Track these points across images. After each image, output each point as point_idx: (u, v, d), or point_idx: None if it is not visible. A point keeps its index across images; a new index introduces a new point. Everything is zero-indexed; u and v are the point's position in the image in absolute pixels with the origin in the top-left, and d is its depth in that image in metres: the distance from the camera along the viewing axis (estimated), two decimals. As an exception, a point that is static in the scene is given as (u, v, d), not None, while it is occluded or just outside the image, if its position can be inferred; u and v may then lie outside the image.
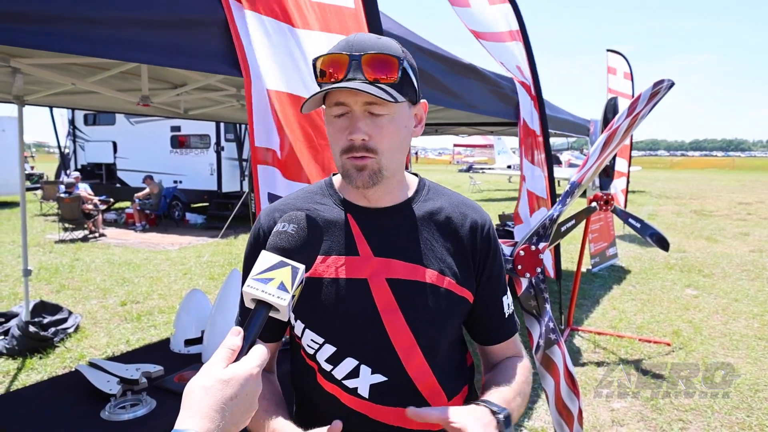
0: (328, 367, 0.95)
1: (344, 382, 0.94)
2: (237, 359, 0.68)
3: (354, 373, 0.93)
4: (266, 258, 0.74)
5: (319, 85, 0.89)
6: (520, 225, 3.89)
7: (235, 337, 0.69)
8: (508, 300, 1.06)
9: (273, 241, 0.77)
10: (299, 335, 0.97)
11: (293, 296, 0.72)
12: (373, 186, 0.90)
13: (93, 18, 1.33)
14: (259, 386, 0.68)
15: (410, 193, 1.00)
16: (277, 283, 0.71)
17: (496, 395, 0.92)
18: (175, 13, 1.51)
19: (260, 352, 0.69)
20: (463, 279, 0.97)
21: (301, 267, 0.74)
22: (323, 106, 0.92)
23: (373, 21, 1.98)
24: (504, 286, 1.06)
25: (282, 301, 0.70)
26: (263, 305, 0.71)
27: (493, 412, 0.86)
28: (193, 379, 0.65)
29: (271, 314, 0.73)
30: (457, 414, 0.83)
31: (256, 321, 0.71)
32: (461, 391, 1.03)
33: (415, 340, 0.93)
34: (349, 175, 0.90)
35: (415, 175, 1.05)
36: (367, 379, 0.93)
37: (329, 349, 0.94)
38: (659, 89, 2.10)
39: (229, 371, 0.65)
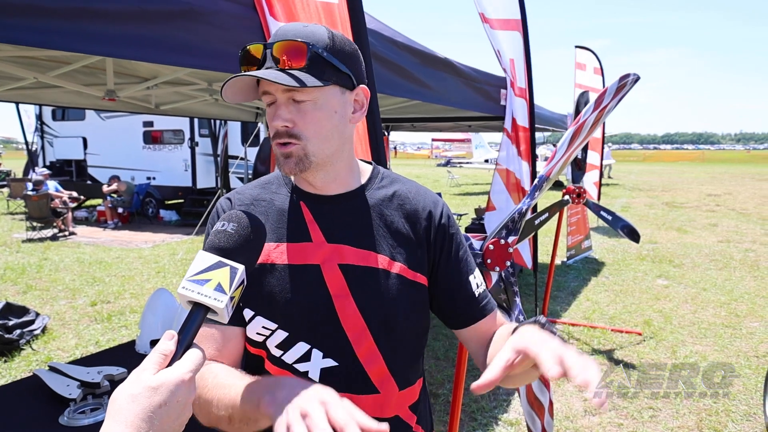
0: (278, 352, 0.93)
1: (295, 365, 0.93)
2: (170, 364, 0.64)
3: (305, 357, 0.92)
4: (203, 258, 0.71)
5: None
6: (492, 212, 3.93)
7: (168, 341, 0.66)
8: (476, 279, 1.04)
9: (212, 240, 0.74)
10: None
11: (232, 298, 0.69)
12: (301, 172, 0.90)
13: (49, 8, 1.27)
14: (192, 393, 0.65)
15: (363, 180, 1.01)
16: (214, 284, 0.68)
17: (514, 325, 0.86)
18: (139, 5, 1.45)
19: (195, 357, 0.66)
20: (416, 264, 0.97)
21: (240, 267, 0.71)
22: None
23: (356, 16, 1.94)
24: (472, 265, 1.04)
25: (219, 303, 0.67)
26: (200, 307, 0.68)
27: (540, 324, 0.79)
28: (121, 386, 0.62)
29: (210, 317, 0.70)
30: (517, 345, 0.73)
31: (192, 324, 0.68)
32: (417, 382, 1.02)
33: (366, 325, 0.93)
34: (278, 161, 0.92)
35: (369, 163, 1.06)
36: (318, 363, 0.92)
37: (281, 335, 0.93)
38: (625, 83, 2.13)
39: (158, 377, 0.62)
